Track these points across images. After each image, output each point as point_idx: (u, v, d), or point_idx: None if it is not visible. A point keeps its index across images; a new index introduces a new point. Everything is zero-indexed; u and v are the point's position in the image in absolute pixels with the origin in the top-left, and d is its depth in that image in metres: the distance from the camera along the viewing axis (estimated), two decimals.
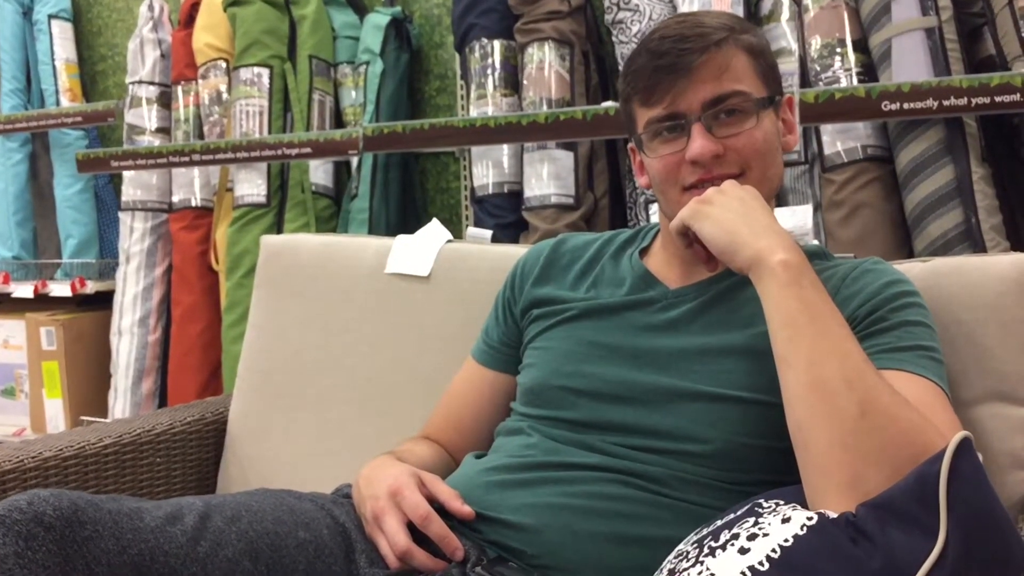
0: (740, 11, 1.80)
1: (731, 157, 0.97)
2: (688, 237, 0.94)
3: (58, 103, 2.86)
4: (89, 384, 2.73)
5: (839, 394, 0.77)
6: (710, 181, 0.97)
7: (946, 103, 1.54)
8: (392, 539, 0.91)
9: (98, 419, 2.62)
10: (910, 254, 1.65)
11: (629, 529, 0.91)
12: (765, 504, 0.77)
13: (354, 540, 0.94)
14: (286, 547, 0.88)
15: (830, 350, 0.80)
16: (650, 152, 1.01)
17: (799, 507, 0.75)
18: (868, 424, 0.76)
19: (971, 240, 1.56)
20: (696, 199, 0.93)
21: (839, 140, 1.71)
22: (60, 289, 2.72)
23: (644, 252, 1.10)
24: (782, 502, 0.77)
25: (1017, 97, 1.49)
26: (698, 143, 0.96)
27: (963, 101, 1.52)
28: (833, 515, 0.72)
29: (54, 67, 2.88)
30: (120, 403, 2.61)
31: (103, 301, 2.74)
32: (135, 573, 0.78)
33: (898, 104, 1.57)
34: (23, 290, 2.73)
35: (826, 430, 0.77)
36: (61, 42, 2.90)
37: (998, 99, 1.50)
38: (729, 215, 0.90)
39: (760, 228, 0.88)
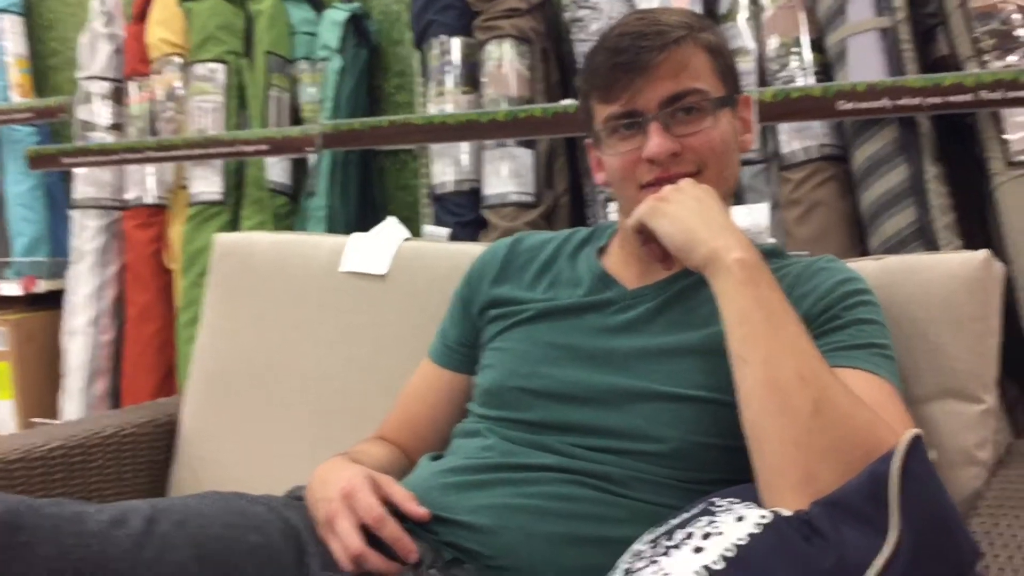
0: (699, 10, 1.81)
1: (688, 156, 0.97)
2: (644, 235, 0.94)
3: (8, 98, 2.80)
4: (41, 385, 2.68)
5: (793, 392, 0.78)
6: (667, 179, 0.96)
7: (900, 103, 1.55)
8: (345, 541, 0.89)
9: (49, 421, 2.57)
10: (865, 252, 1.67)
11: (586, 530, 0.91)
12: (719, 503, 0.77)
13: (306, 543, 0.92)
14: (236, 551, 0.86)
15: (785, 348, 0.80)
16: (607, 149, 1.01)
17: (753, 505, 0.76)
18: (821, 421, 0.76)
19: (925, 239, 1.58)
20: (653, 197, 0.93)
21: (796, 139, 1.72)
22: (10, 288, 2.66)
23: (602, 251, 1.10)
24: (736, 501, 0.77)
25: (969, 97, 1.51)
26: (655, 141, 0.96)
27: (917, 101, 1.54)
28: (787, 513, 0.72)
29: (4, 62, 2.82)
30: (73, 404, 2.56)
31: (54, 300, 2.68)
32: None
33: (853, 103, 1.58)
34: None
35: (780, 427, 0.77)
36: (12, 36, 2.84)
37: (951, 99, 1.52)
38: (686, 213, 0.90)
39: (716, 227, 0.89)
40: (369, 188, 2.42)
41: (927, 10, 1.69)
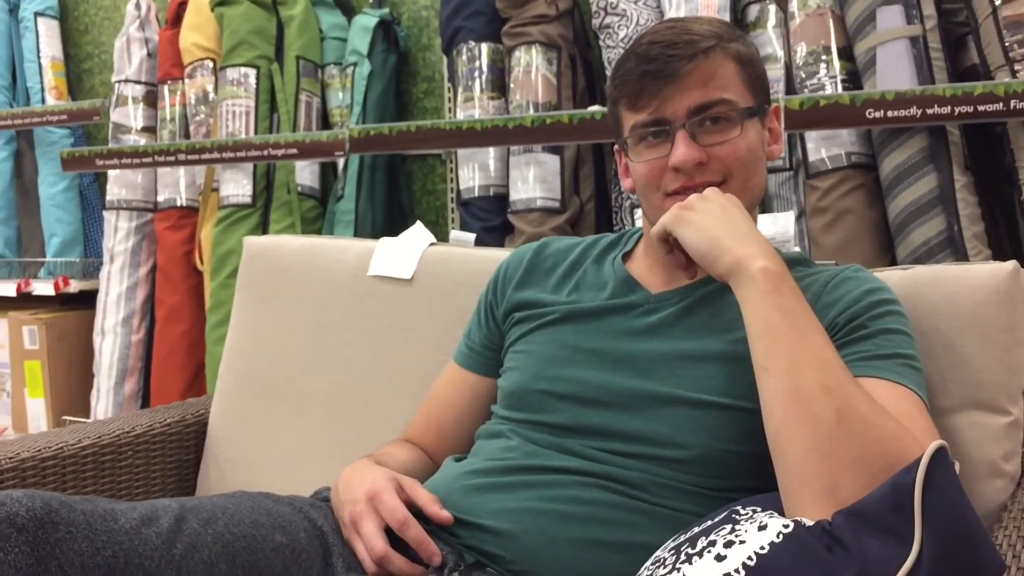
0: (727, 17, 1.81)
1: (714, 165, 0.97)
2: (669, 243, 0.94)
3: (43, 101, 2.85)
4: (72, 384, 2.72)
5: (817, 401, 0.78)
6: (692, 188, 0.97)
7: (929, 111, 1.54)
8: (369, 543, 0.90)
9: (80, 419, 2.60)
10: (892, 261, 1.66)
11: (607, 534, 0.91)
12: (742, 511, 0.77)
13: (331, 544, 0.94)
14: (263, 550, 0.88)
15: (809, 358, 0.80)
16: (634, 156, 1.01)
17: (776, 514, 0.76)
18: (845, 431, 0.76)
19: (953, 248, 1.57)
20: (678, 205, 0.93)
21: (823, 147, 1.72)
22: (43, 288, 2.70)
23: (627, 256, 1.10)
24: (759, 509, 0.78)
25: (999, 106, 1.50)
26: (681, 150, 0.96)
27: (946, 110, 1.53)
28: (809, 523, 0.72)
29: (40, 65, 2.87)
30: (103, 403, 2.60)
31: (87, 300, 2.73)
32: (108, 575, 0.77)
33: (882, 112, 1.57)
34: (6, 288, 2.71)
35: (803, 437, 0.77)
36: (47, 40, 2.88)
37: (981, 108, 1.51)
38: (711, 222, 0.90)
39: (741, 236, 0.89)
40: (396, 192, 2.43)
41: (957, 19, 1.68)
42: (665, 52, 0.96)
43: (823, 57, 1.72)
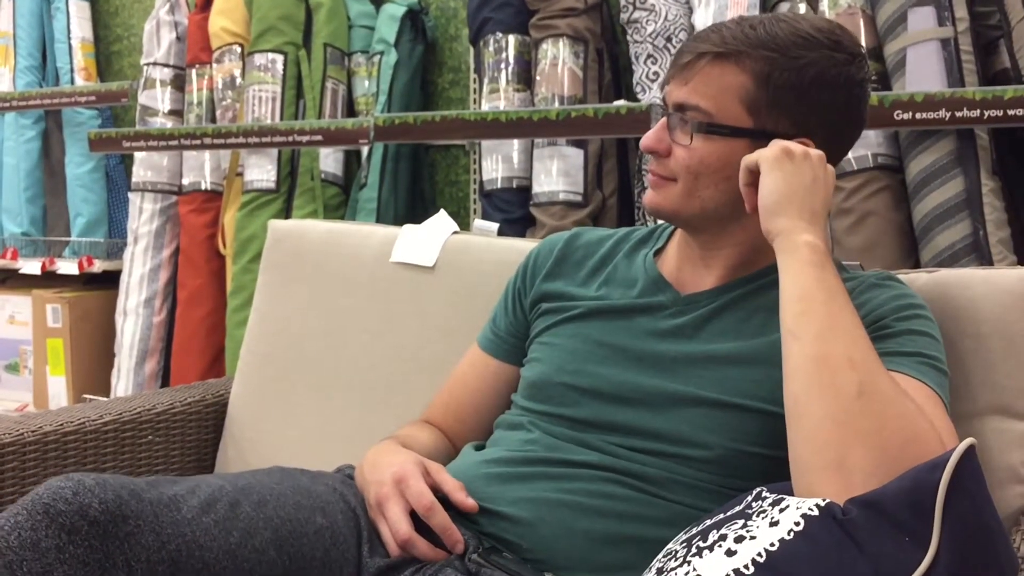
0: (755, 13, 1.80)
1: (669, 162, 0.98)
2: (753, 174, 0.92)
3: (73, 82, 2.87)
4: (93, 363, 2.74)
5: (841, 372, 0.78)
6: (651, 172, 1.00)
7: (958, 114, 1.53)
8: (394, 527, 0.91)
9: (100, 398, 2.63)
10: (917, 264, 1.65)
11: (624, 529, 0.91)
12: (754, 505, 0.77)
13: (363, 527, 0.94)
14: (306, 534, 0.88)
15: (840, 329, 0.81)
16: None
17: (790, 508, 0.75)
18: (864, 404, 0.76)
19: (978, 252, 1.56)
20: (783, 147, 0.91)
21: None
22: (67, 267, 2.73)
23: (658, 253, 1.10)
24: (772, 503, 0.77)
25: None
26: (648, 133, 1.00)
27: (976, 113, 1.52)
28: (821, 518, 0.71)
29: (70, 46, 2.89)
30: (123, 383, 2.62)
31: (110, 280, 2.75)
32: (171, 569, 0.78)
33: (910, 114, 1.56)
34: (31, 267, 2.74)
35: (822, 404, 0.78)
36: (78, 21, 2.91)
37: (1011, 112, 1.50)
38: (796, 181, 0.89)
39: (809, 210, 0.89)
40: (419, 182, 2.44)
41: (990, 22, 1.67)
42: (691, 42, 0.99)
43: None
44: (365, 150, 2.33)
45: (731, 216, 0.98)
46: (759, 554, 0.69)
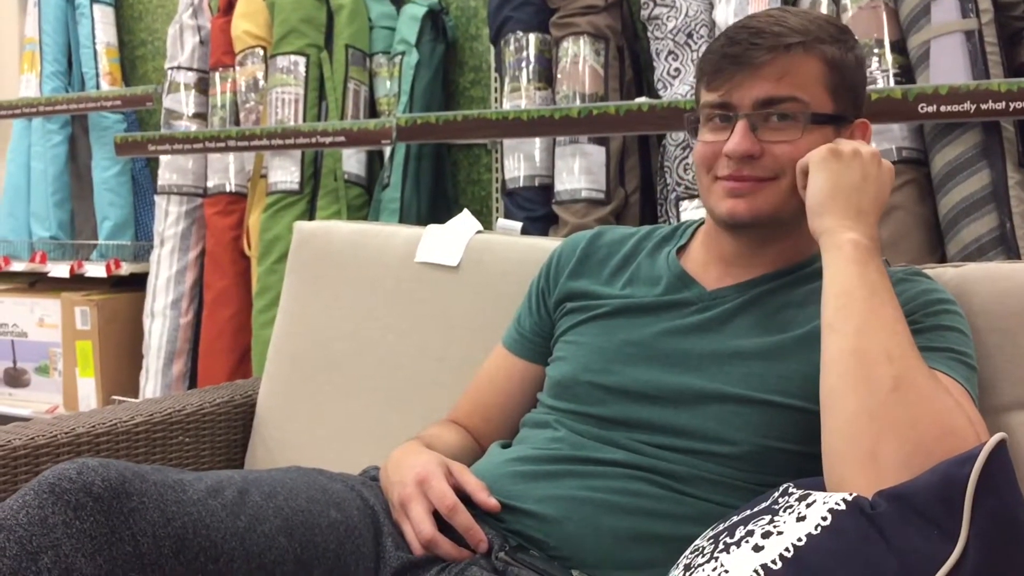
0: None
1: (767, 161, 0.96)
2: (806, 178, 0.93)
3: (98, 86, 2.90)
4: (121, 364, 2.77)
5: (878, 365, 0.78)
6: (739, 179, 0.96)
7: (983, 107, 1.52)
8: (418, 527, 0.92)
9: (130, 399, 2.66)
10: (943, 258, 1.64)
11: (651, 526, 0.91)
12: (781, 500, 0.77)
13: (382, 523, 0.95)
14: (319, 525, 0.89)
15: (878, 324, 0.81)
16: (700, 134, 1.01)
17: (817, 503, 0.74)
18: (899, 398, 0.76)
19: (1005, 246, 1.54)
20: (831, 147, 0.91)
21: (874, 141, 1.69)
22: (95, 270, 2.76)
23: (681, 251, 1.10)
24: (799, 498, 0.77)
25: None
26: (736, 139, 0.95)
27: (1001, 105, 1.51)
28: (849, 512, 0.70)
29: (95, 51, 2.92)
30: (151, 384, 2.65)
31: (137, 283, 2.78)
32: (177, 545, 0.79)
33: (935, 107, 1.55)
34: (59, 270, 2.78)
35: (857, 397, 0.78)
36: (102, 26, 2.94)
37: None
38: (844, 181, 0.90)
39: (855, 209, 0.89)
40: (442, 181, 2.45)
41: (1014, 13, 1.65)
42: (750, 39, 0.95)
43: (876, 50, 1.70)
44: (388, 150, 2.34)
45: (803, 211, 0.95)
46: (786, 549, 0.69)
